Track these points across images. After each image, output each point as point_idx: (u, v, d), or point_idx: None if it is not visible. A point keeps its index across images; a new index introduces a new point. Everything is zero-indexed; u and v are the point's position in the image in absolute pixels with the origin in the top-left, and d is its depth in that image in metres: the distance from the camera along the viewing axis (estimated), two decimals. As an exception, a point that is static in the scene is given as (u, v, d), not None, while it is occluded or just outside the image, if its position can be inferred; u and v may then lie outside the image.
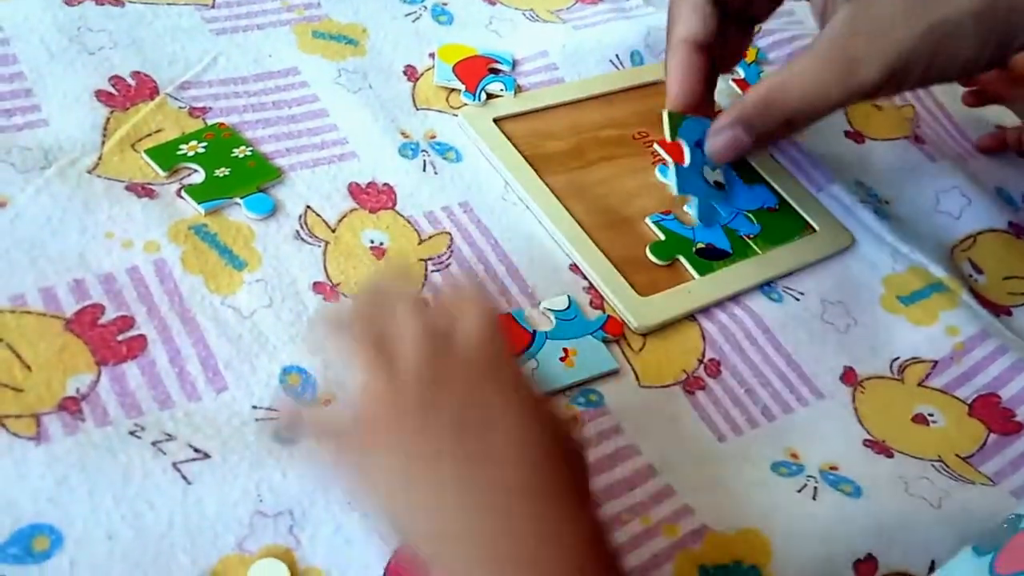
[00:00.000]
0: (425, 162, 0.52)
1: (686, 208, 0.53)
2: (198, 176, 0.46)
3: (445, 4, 0.62)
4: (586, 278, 0.49)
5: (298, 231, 0.46)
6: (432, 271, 0.47)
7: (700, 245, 0.52)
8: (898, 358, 0.51)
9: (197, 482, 0.36)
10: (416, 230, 0.48)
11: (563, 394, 0.44)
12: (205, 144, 0.48)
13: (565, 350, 0.45)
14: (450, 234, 0.49)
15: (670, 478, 0.42)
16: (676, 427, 0.45)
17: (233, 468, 0.37)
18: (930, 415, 0.49)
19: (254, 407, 0.39)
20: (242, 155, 0.48)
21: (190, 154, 0.47)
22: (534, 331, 0.45)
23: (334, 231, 0.47)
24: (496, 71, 0.57)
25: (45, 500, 0.35)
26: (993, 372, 0.51)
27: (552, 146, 0.54)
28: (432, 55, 0.57)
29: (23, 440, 0.36)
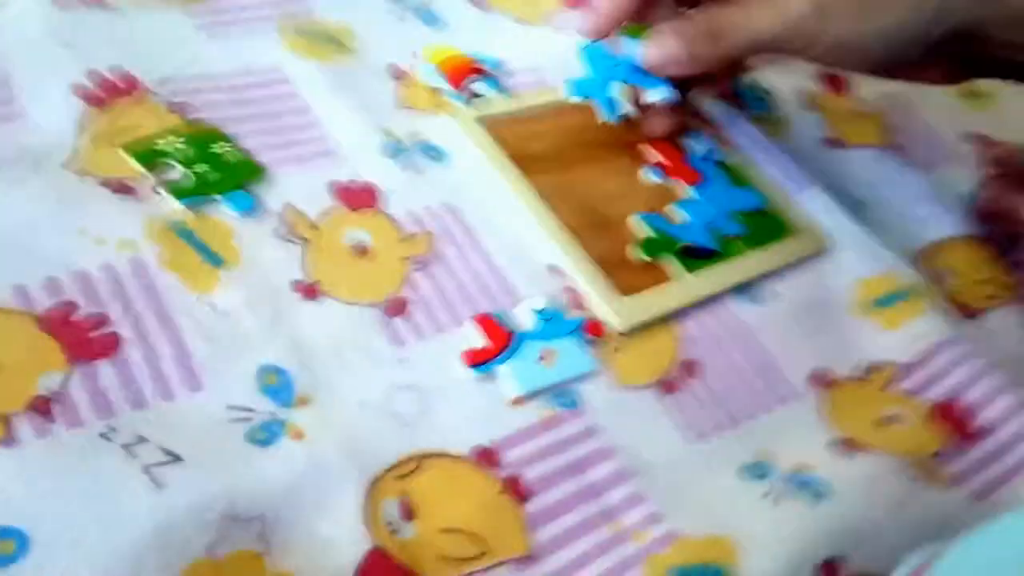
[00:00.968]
0: (408, 161, 0.51)
1: (673, 207, 0.53)
2: (177, 172, 0.46)
3: (431, 4, 0.61)
4: (568, 278, 0.48)
5: (278, 229, 0.46)
6: (414, 270, 0.46)
7: (686, 244, 0.51)
8: (867, 361, 0.51)
9: (168, 486, 0.36)
10: (398, 229, 0.48)
11: (541, 395, 0.44)
12: (184, 140, 0.47)
13: (545, 351, 0.45)
14: (432, 233, 0.48)
15: (642, 483, 0.42)
16: (650, 429, 0.45)
17: (205, 471, 0.37)
18: (896, 418, 0.49)
19: (229, 407, 0.39)
20: (223, 152, 0.47)
21: (169, 150, 0.46)
22: (514, 331, 0.45)
23: (316, 229, 0.46)
24: (481, 72, 0.57)
25: (12, 504, 0.34)
26: (959, 376, 0.51)
27: (536, 146, 0.54)
28: (417, 55, 0.57)
29: (-8, 442, 0.35)
